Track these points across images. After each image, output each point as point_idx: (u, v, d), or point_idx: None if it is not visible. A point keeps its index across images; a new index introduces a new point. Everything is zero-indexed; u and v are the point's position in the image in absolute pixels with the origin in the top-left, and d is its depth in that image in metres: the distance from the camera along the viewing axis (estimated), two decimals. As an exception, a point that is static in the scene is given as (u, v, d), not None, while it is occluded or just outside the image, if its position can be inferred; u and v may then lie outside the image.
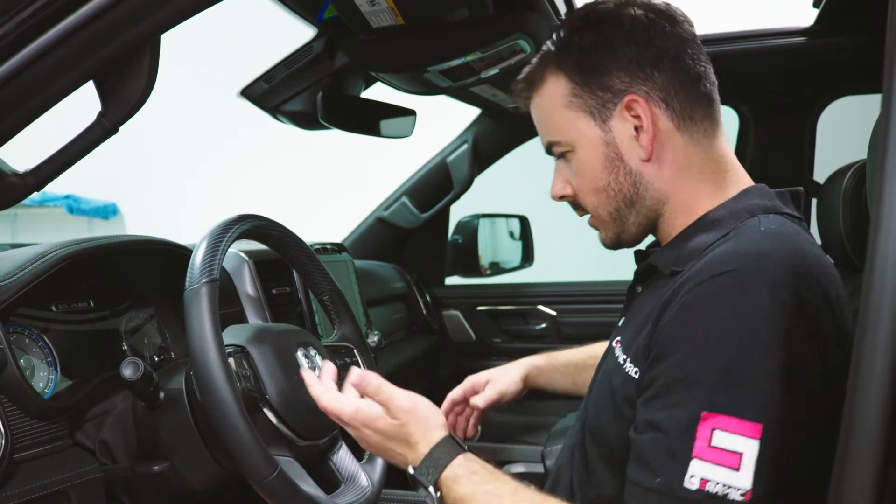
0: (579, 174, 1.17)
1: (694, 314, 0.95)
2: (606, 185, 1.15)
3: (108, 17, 0.98)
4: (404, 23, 1.44)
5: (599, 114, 1.13)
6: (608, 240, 1.22)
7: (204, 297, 1.09)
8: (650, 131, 1.10)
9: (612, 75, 1.11)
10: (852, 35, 1.88)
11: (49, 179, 1.09)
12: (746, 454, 0.87)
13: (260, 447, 1.05)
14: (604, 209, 1.17)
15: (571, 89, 1.14)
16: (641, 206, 1.15)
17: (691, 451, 0.89)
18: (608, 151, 1.13)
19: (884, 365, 0.61)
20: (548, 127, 1.19)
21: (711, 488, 0.87)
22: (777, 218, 1.06)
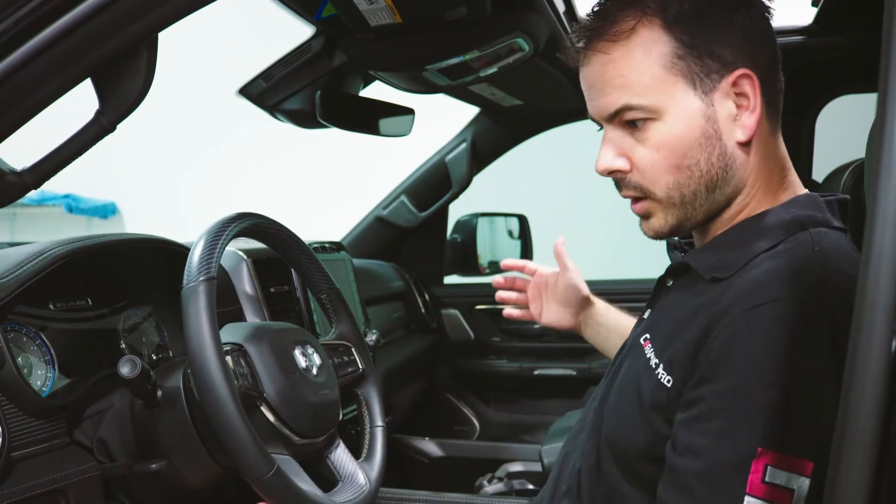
0: (661, 147, 1.01)
1: (747, 341, 0.91)
2: (694, 164, 1.01)
3: (105, 14, 0.98)
4: (403, 21, 1.44)
5: (701, 83, 0.99)
6: (665, 227, 1.06)
7: (201, 295, 1.09)
8: (757, 112, 1.00)
9: (723, 43, 0.99)
10: (851, 34, 1.88)
11: (47, 177, 1.09)
12: (797, 492, 0.85)
13: (257, 445, 1.05)
14: (679, 191, 1.03)
15: (675, 49, 0.99)
16: (721, 193, 1.03)
17: (745, 487, 0.87)
18: (707, 127, 1.00)
19: (878, 363, 0.61)
20: (630, 86, 1.01)
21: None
22: (829, 234, 1.00)
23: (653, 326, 1.12)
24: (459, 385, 2.86)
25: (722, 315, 0.94)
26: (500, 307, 2.82)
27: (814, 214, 1.01)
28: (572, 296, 1.59)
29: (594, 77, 1.04)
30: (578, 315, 1.61)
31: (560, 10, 1.78)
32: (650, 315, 1.19)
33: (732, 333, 0.91)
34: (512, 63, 1.73)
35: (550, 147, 2.84)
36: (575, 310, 1.61)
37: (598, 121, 1.07)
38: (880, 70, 0.67)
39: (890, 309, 0.62)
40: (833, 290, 0.90)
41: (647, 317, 1.20)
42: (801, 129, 2.28)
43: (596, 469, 1.15)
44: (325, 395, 1.27)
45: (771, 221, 1.02)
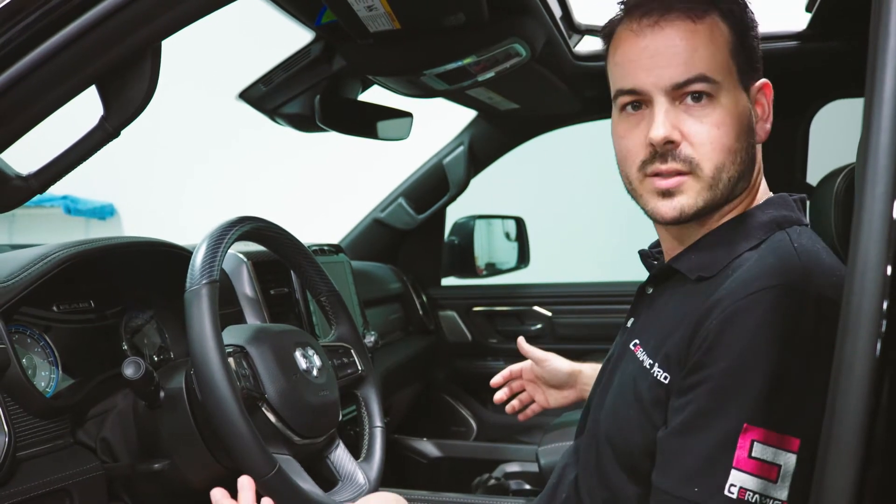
0: (718, 125, 1.05)
1: (740, 326, 0.94)
2: (740, 149, 1.06)
3: (111, 22, 1.00)
4: (401, 27, 1.46)
5: (744, 79, 1.07)
6: (693, 207, 1.07)
7: (204, 298, 1.10)
8: (770, 119, 1.10)
9: (756, 53, 1.10)
10: (845, 39, 1.90)
11: (52, 182, 1.11)
12: (784, 467, 0.88)
13: (259, 445, 1.07)
14: (722, 172, 1.05)
15: (734, 39, 1.07)
16: (742, 184, 1.09)
17: (732, 461, 0.90)
18: (748, 119, 1.08)
19: (863, 367, 0.63)
20: (706, 59, 1.05)
21: (750, 497, 0.89)
22: (804, 231, 1.07)
23: (641, 332, 1.15)
24: (457, 386, 2.87)
25: (714, 306, 0.98)
26: (497, 309, 2.86)
27: (788, 214, 1.09)
28: (559, 377, 1.65)
29: (666, 45, 1.06)
30: (576, 387, 1.66)
31: (556, 15, 1.80)
32: (634, 323, 1.23)
33: (726, 319, 0.95)
34: (509, 68, 1.75)
35: (547, 150, 2.86)
36: (570, 385, 1.66)
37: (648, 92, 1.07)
38: (866, 80, 0.69)
39: (875, 313, 0.64)
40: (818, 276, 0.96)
41: (630, 325, 1.24)
42: (796, 132, 2.30)
43: (596, 474, 1.17)
44: (325, 396, 1.29)
45: (750, 223, 1.07)
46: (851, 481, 0.64)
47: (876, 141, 0.64)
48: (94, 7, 0.99)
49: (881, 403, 0.64)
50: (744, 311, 0.94)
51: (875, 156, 0.64)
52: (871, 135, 0.66)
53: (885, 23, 0.65)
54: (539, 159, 3.24)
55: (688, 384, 0.97)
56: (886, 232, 0.63)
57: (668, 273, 1.15)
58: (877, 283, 0.64)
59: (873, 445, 0.64)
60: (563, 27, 1.89)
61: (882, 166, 0.63)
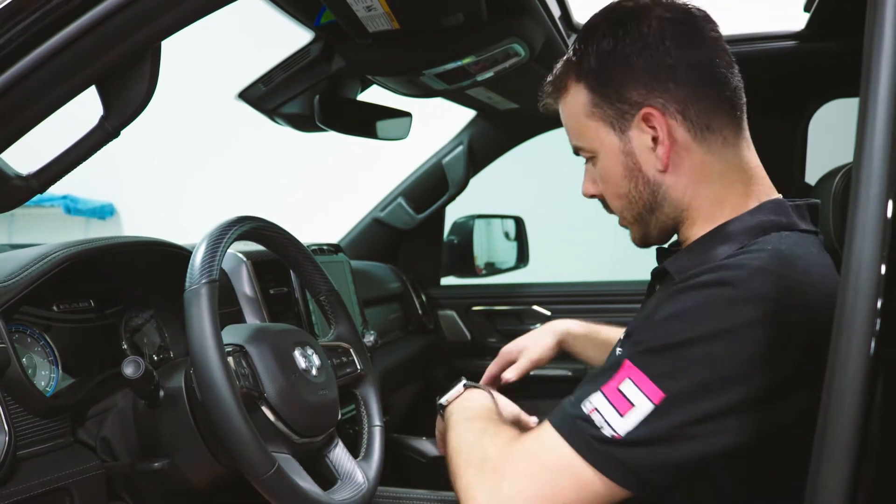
0: (603, 180, 1.20)
1: (673, 300, 1.02)
2: (627, 193, 1.17)
3: (111, 23, 1.00)
4: (400, 27, 1.46)
5: (618, 124, 1.14)
6: (636, 240, 1.25)
7: (204, 298, 1.11)
8: (666, 143, 1.11)
9: (628, 87, 1.12)
10: (843, 39, 1.90)
11: (52, 182, 1.12)
12: (637, 409, 0.96)
13: (258, 444, 1.07)
14: (628, 213, 1.20)
15: (591, 99, 1.15)
16: (661, 213, 1.17)
17: (602, 385, 1.00)
18: (627, 161, 1.15)
19: (857, 366, 0.63)
20: (572, 132, 1.22)
21: (594, 417, 0.98)
22: (791, 236, 1.07)
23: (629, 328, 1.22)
24: (456, 386, 2.88)
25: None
26: (497, 308, 2.86)
27: (778, 219, 1.10)
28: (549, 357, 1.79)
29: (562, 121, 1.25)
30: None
31: (555, 14, 1.80)
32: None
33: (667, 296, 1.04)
34: (508, 68, 1.75)
35: (546, 150, 2.86)
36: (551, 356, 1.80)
37: None
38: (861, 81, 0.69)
39: (869, 312, 0.64)
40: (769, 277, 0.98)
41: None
42: (795, 132, 2.30)
43: None
44: (325, 396, 1.29)
45: (736, 228, 1.11)
46: (845, 480, 0.64)
47: (870, 142, 0.65)
48: (94, 8, 0.99)
49: (875, 402, 0.65)
50: (680, 290, 1.02)
51: (869, 157, 0.64)
52: (865, 136, 0.66)
53: (879, 26, 0.66)
54: (538, 159, 3.24)
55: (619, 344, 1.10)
56: (881, 232, 0.64)
57: (663, 272, 1.20)
58: (871, 282, 0.65)
59: (867, 444, 0.65)
60: (562, 27, 1.90)
61: (876, 167, 0.64)
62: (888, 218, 0.65)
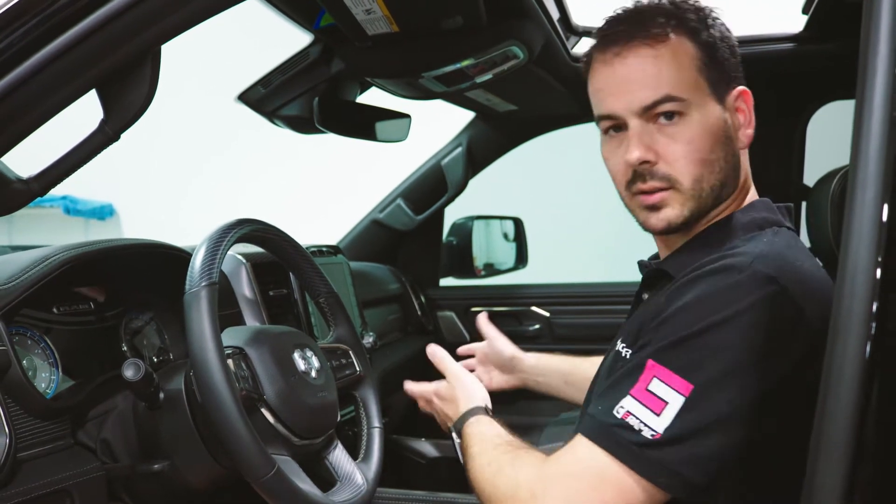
0: (690, 140, 1.12)
1: (681, 293, 1.05)
2: (717, 159, 1.14)
3: (111, 27, 1.01)
4: (399, 30, 1.47)
5: (718, 92, 1.14)
6: (679, 217, 1.15)
7: (203, 300, 1.11)
8: (752, 124, 1.18)
9: (728, 61, 1.16)
10: (841, 41, 1.91)
11: (53, 185, 1.12)
12: (670, 405, 0.97)
13: (258, 446, 1.08)
14: (701, 183, 1.13)
15: (701, 55, 1.13)
16: (727, 190, 1.17)
17: (630, 388, 1.01)
18: (725, 128, 1.14)
19: (853, 368, 0.64)
20: (671, 80, 1.12)
21: (631, 421, 0.99)
22: (783, 232, 1.14)
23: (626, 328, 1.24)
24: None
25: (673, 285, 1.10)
26: (496, 309, 2.86)
27: (769, 216, 1.17)
28: (501, 358, 1.81)
29: (632, 72, 1.14)
30: (516, 373, 1.81)
31: (554, 17, 1.81)
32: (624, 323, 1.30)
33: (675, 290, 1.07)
34: (507, 70, 1.76)
35: (545, 151, 2.86)
36: (510, 369, 1.81)
37: (622, 116, 1.16)
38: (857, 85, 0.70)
39: (865, 315, 0.65)
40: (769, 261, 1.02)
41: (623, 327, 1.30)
42: (793, 134, 2.30)
43: None
44: (324, 398, 1.30)
45: (733, 225, 1.16)
46: (841, 481, 0.65)
47: (866, 147, 0.65)
48: (95, 12, 1.00)
49: (871, 404, 0.65)
50: (688, 282, 1.05)
51: (865, 161, 0.65)
52: (861, 141, 0.67)
53: (874, 31, 0.66)
54: (537, 160, 3.25)
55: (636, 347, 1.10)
56: (876, 236, 0.65)
57: (658, 275, 1.24)
58: (867, 285, 0.65)
59: (863, 445, 0.65)
60: (561, 29, 1.90)
61: (872, 172, 0.64)
62: (884, 221, 0.65)
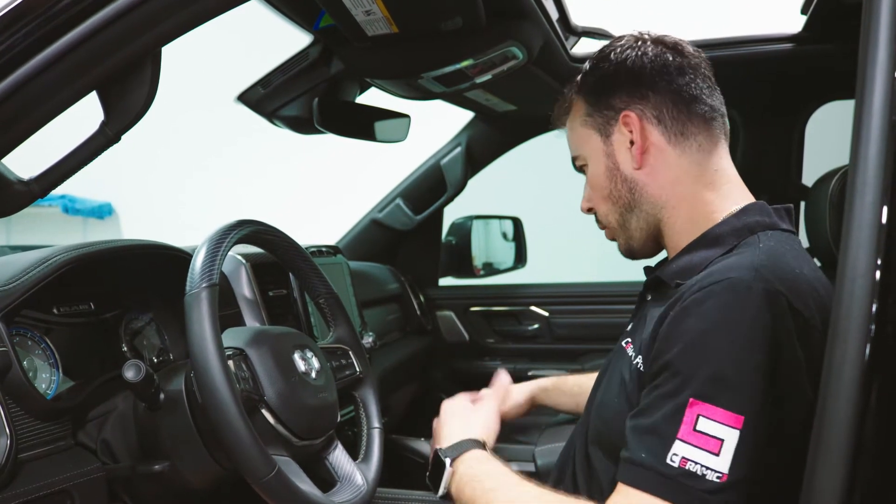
0: (591, 185, 1.35)
1: (691, 315, 1.04)
2: (609, 193, 1.31)
3: (112, 29, 1.01)
4: (399, 31, 1.47)
5: (604, 130, 1.30)
6: (622, 248, 1.37)
7: (204, 302, 1.11)
8: (639, 143, 1.26)
9: (614, 96, 1.29)
10: (840, 41, 1.91)
11: (53, 186, 1.12)
12: (727, 441, 0.95)
13: (258, 447, 1.08)
14: (612, 217, 1.33)
15: (586, 110, 1.33)
16: (640, 210, 1.29)
17: (676, 432, 0.98)
18: (608, 162, 1.30)
19: (852, 370, 0.64)
20: (572, 144, 1.38)
21: (691, 468, 0.96)
22: (776, 234, 1.16)
23: (634, 332, 1.27)
24: (454, 386, 2.87)
25: (676, 301, 1.09)
26: (495, 309, 2.87)
27: (762, 219, 1.19)
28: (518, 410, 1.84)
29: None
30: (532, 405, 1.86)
31: (553, 17, 1.81)
32: (631, 326, 1.33)
33: (681, 310, 1.06)
34: (506, 70, 1.76)
35: (544, 151, 2.86)
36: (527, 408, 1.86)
37: None
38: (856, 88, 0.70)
39: (864, 318, 0.65)
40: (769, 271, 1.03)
41: (629, 328, 1.34)
42: (792, 134, 2.31)
43: (587, 467, 1.26)
44: (324, 398, 1.30)
45: (725, 230, 1.20)
46: (841, 482, 0.65)
47: (865, 150, 0.65)
48: (96, 14, 1.00)
49: (870, 406, 0.65)
50: (694, 303, 1.04)
51: (865, 164, 0.65)
52: (860, 144, 0.67)
53: (874, 33, 0.66)
54: (536, 160, 3.25)
55: (651, 373, 1.08)
56: (875, 239, 0.65)
57: (657, 282, 1.28)
58: (866, 288, 0.65)
59: (862, 447, 0.66)
60: (560, 29, 1.90)
61: (871, 175, 0.64)
62: (883, 224, 0.66)
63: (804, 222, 1.80)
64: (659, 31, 1.35)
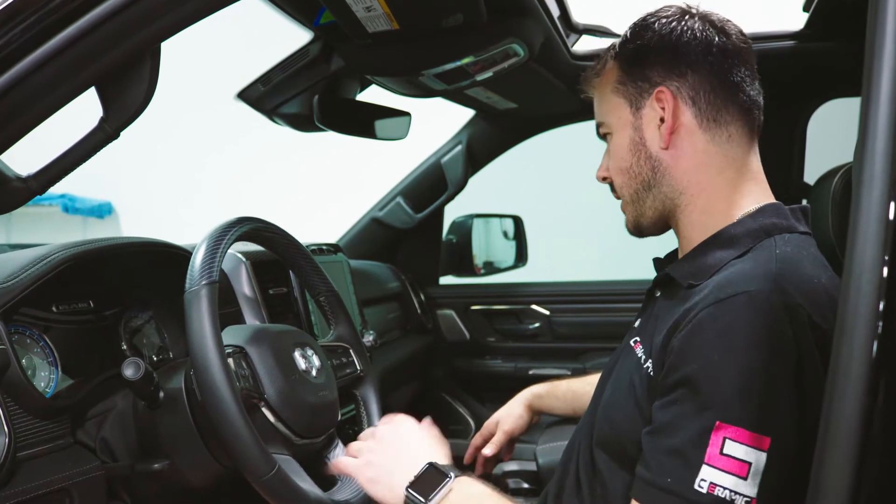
0: (613, 156, 1.28)
1: (709, 330, 0.99)
2: (629, 167, 1.24)
3: (110, 24, 1.00)
4: (400, 28, 1.46)
5: (635, 102, 1.23)
6: (629, 223, 1.30)
7: (204, 299, 1.11)
8: (669, 122, 1.19)
9: (651, 68, 1.21)
10: (842, 38, 1.90)
11: (51, 183, 1.12)
12: (754, 464, 0.92)
13: (259, 446, 1.07)
14: (627, 190, 1.27)
15: (619, 77, 1.26)
16: (658, 191, 1.23)
17: (703, 457, 0.94)
18: (634, 135, 1.23)
19: (860, 368, 0.63)
20: (599, 110, 1.31)
21: (720, 493, 0.92)
22: (793, 238, 1.12)
23: (642, 331, 1.22)
24: (455, 385, 2.88)
25: (690, 310, 1.04)
26: (495, 307, 2.86)
27: (779, 222, 1.14)
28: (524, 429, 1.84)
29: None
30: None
31: (554, 14, 1.80)
32: (639, 323, 1.29)
33: (696, 324, 1.01)
34: (507, 68, 1.75)
35: (545, 149, 2.86)
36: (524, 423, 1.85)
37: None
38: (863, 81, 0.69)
39: (871, 315, 0.64)
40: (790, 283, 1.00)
41: (636, 325, 1.30)
42: (794, 132, 2.30)
43: (591, 466, 1.22)
44: (325, 397, 1.29)
45: (740, 231, 1.14)
46: (848, 481, 0.64)
47: (872, 145, 0.65)
48: (94, 9, 0.99)
49: (877, 404, 0.65)
50: (711, 317, 1.00)
51: (871, 159, 0.65)
52: (867, 139, 0.66)
53: (881, 28, 0.66)
54: (537, 158, 3.24)
55: (666, 385, 1.03)
56: (882, 234, 0.64)
57: (667, 279, 1.22)
58: (873, 284, 0.65)
59: (870, 446, 0.65)
60: (561, 27, 1.90)
61: (878, 170, 0.64)
62: (890, 220, 0.65)
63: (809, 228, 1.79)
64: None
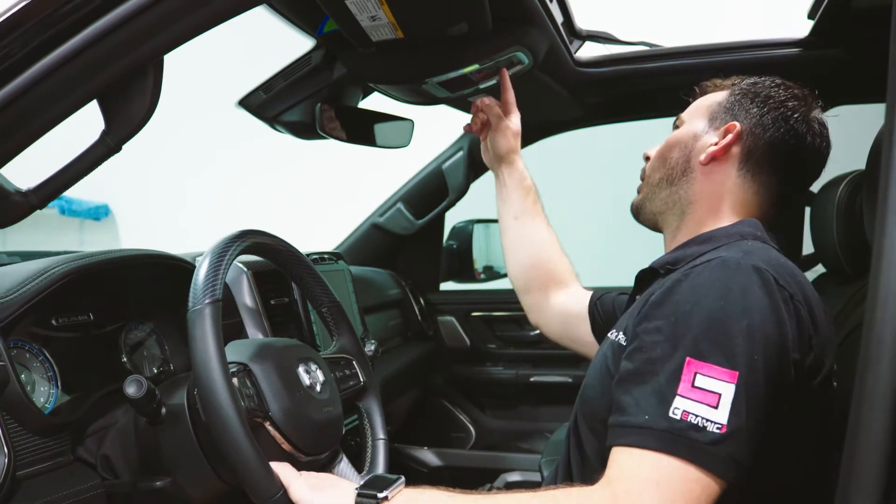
0: (666, 142, 1.45)
1: (683, 285, 1.12)
2: (668, 157, 1.42)
3: (112, 38, 0.99)
4: (404, 37, 1.45)
5: (714, 121, 1.40)
6: (635, 201, 1.50)
7: (207, 318, 1.09)
8: (720, 148, 1.35)
9: (746, 109, 1.37)
10: (847, 46, 1.90)
11: (52, 197, 1.10)
12: (724, 395, 1.00)
13: (265, 468, 1.06)
14: (654, 175, 1.45)
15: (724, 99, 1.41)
16: (675, 191, 1.40)
17: (676, 390, 1.02)
18: (690, 139, 1.40)
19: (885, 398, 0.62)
20: (691, 108, 1.48)
21: (692, 420, 1.00)
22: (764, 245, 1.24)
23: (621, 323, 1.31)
24: (456, 392, 2.87)
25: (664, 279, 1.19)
26: (496, 314, 2.85)
27: (753, 231, 1.29)
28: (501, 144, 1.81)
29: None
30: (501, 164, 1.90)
31: (558, 21, 1.79)
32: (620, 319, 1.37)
33: (674, 281, 1.14)
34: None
35: (547, 156, 2.85)
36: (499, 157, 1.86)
37: None
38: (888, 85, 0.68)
39: None
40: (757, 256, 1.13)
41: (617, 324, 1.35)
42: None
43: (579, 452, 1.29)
44: (329, 412, 1.28)
45: (718, 234, 1.31)
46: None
47: None
48: (97, 22, 0.98)
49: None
50: (686, 275, 1.13)
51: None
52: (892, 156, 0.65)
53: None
54: (539, 165, 3.23)
55: (633, 336, 1.14)
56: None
57: (648, 275, 1.37)
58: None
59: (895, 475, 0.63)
60: (565, 33, 1.88)
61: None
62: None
63: (809, 228, 1.78)
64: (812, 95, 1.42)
